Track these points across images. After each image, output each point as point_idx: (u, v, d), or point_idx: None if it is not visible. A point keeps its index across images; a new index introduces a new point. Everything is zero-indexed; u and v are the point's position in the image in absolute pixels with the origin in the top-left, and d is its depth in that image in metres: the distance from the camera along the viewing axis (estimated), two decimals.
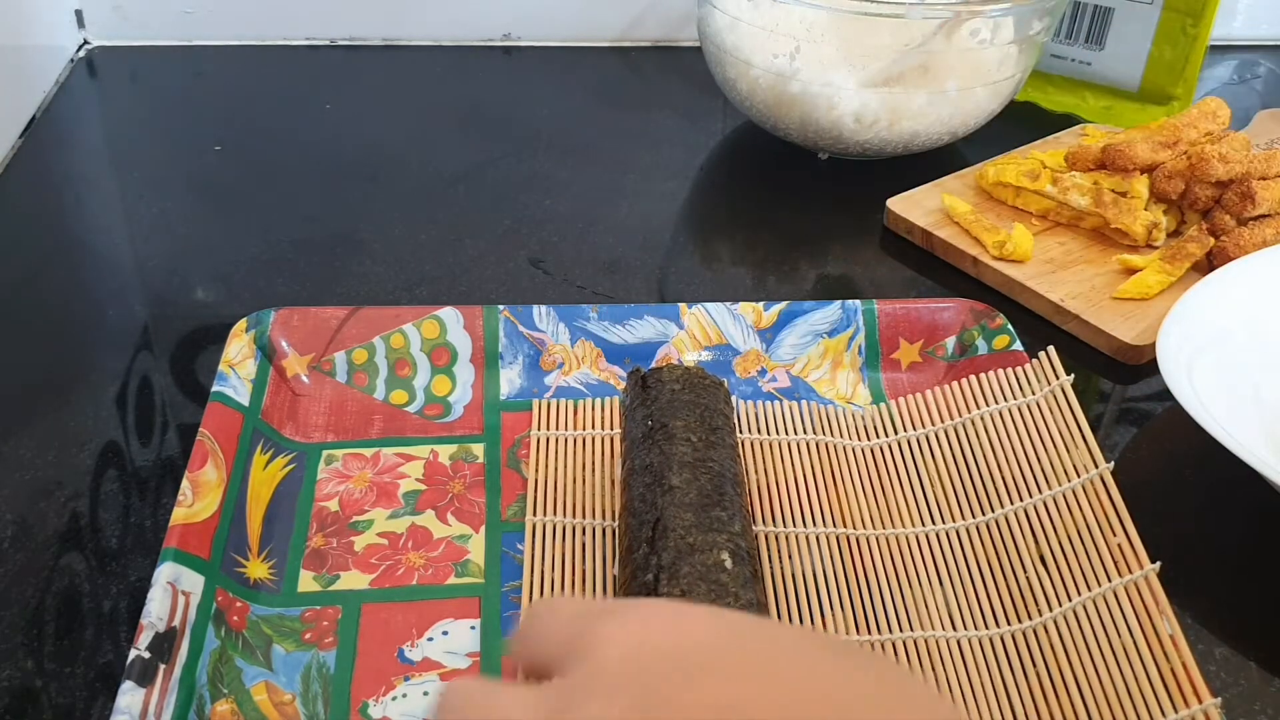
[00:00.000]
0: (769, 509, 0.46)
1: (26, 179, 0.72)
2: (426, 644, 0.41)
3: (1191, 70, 0.78)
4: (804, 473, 0.48)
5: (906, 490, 0.48)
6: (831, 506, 0.47)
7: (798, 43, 0.68)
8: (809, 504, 0.46)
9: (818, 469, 0.48)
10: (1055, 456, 0.46)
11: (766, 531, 0.45)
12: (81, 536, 0.46)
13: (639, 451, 0.44)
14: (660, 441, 0.43)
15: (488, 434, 0.51)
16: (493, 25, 0.91)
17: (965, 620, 0.42)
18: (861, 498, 0.47)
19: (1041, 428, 0.48)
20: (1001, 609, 0.43)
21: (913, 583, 0.44)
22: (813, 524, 0.46)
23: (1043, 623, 0.41)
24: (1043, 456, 0.47)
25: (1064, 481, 0.45)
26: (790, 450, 0.49)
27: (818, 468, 0.48)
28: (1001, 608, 0.43)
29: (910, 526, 0.46)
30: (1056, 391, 0.49)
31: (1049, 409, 0.48)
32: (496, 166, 0.74)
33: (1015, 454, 0.47)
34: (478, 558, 0.45)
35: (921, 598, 0.43)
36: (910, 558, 0.45)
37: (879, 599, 0.43)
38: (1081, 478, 0.45)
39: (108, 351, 0.56)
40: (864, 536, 0.45)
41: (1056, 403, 0.48)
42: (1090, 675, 0.39)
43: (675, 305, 0.55)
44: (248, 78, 0.86)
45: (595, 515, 0.46)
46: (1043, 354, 0.51)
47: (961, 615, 0.43)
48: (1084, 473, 0.45)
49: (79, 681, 0.40)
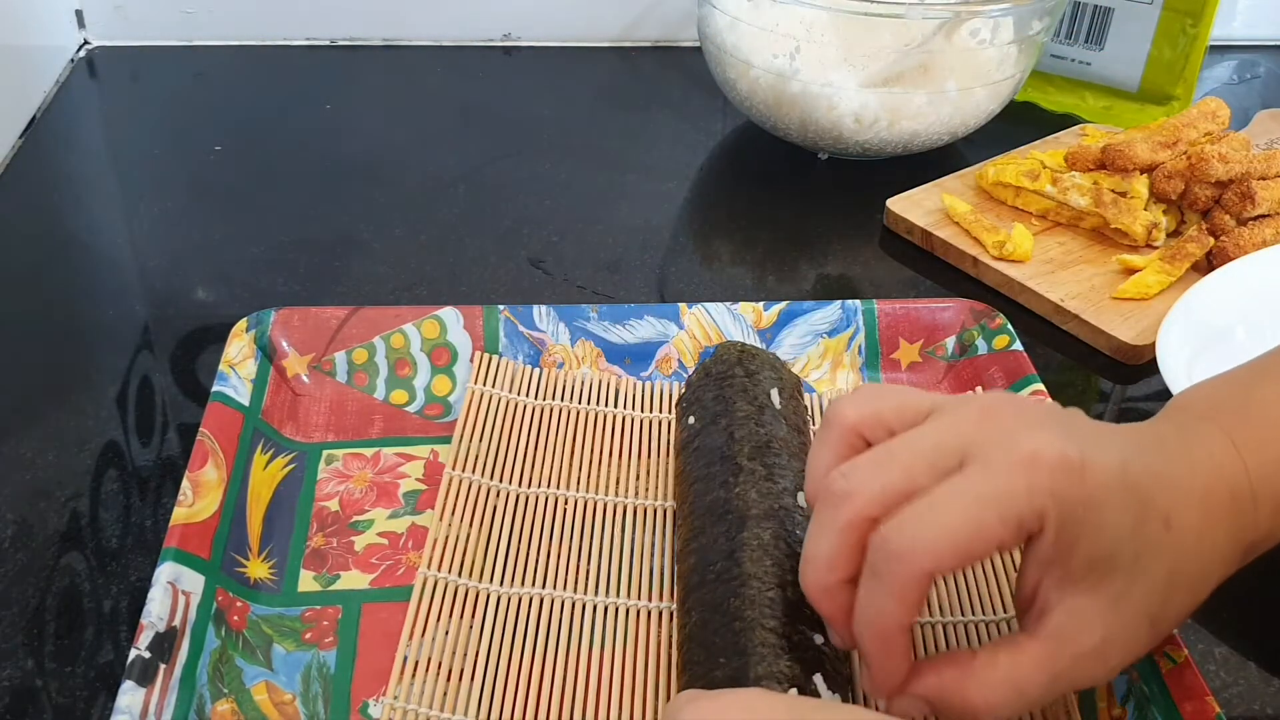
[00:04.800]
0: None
1: (26, 179, 0.72)
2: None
3: (1191, 70, 0.78)
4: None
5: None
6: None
7: (798, 43, 0.68)
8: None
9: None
10: None
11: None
12: (82, 536, 0.46)
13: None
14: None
15: None
16: (493, 25, 0.91)
17: (975, 607, 0.43)
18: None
19: None
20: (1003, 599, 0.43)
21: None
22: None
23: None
24: None
25: None
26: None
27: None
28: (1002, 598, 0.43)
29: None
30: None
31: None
32: (496, 166, 0.74)
33: None
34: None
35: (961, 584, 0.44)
36: None
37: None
38: None
39: (108, 351, 0.56)
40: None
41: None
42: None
43: (675, 305, 0.55)
44: (248, 78, 0.86)
45: (516, 482, 0.47)
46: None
47: (971, 603, 0.43)
48: None
49: (79, 681, 0.40)
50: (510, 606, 0.42)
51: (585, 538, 0.45)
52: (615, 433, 0.50)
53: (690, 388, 0.47)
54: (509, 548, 0.45)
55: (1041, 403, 0.36)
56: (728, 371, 0.46)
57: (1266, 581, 0.47)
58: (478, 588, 0.43)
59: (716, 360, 0.47)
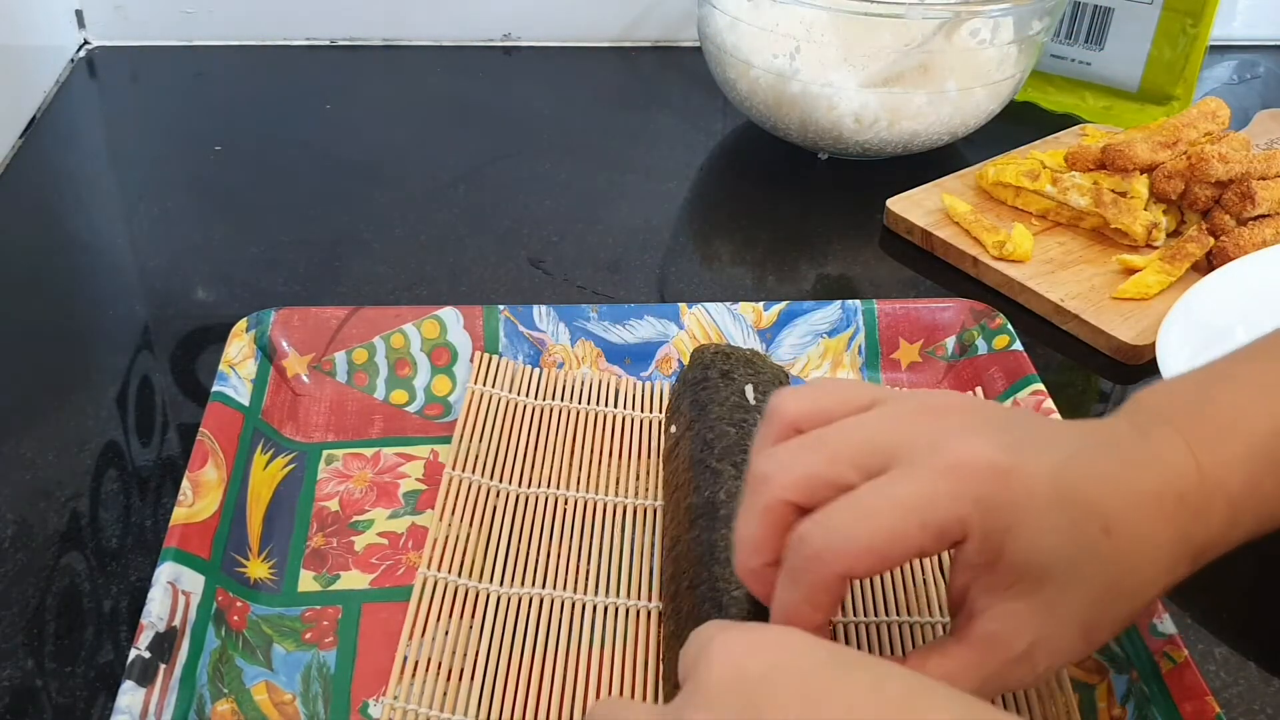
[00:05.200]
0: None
1: (26, 179, 0.72)
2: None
3: (1191, 70, 0.78)
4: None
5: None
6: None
7: (798, 43, 0.68)
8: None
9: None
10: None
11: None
12: (82, 536, 0.46)
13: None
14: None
15: None
16: (493, 25, 0.91)
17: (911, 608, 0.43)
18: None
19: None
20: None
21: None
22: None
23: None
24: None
25: None
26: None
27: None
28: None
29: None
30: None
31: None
32: (496, 166, 0.74)
33: None
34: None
35: (894, 584, 0.44)
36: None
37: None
38: None
39: (108, 351, 0.56)
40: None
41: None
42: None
43: (675, 305, 0.55)
44: (248, 78, 0.86)
45: (516, 482, 0.47)
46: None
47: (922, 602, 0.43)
48: None
49: (79, 681, 0.40)
50: (510, 606, 0.42)
51: (585, 538, 0.45)
52: (615, 433, 0.50)
53: (672, 397, 0.48)
54: (509, 548, 0.45)
55: (988, 404, 0.36)
56: (702, 376, 0.46)
57: (1266, 581, 0.47)
58: (477, 588, 0.43)
59: (691, 366, 0.48)
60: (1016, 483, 0.31)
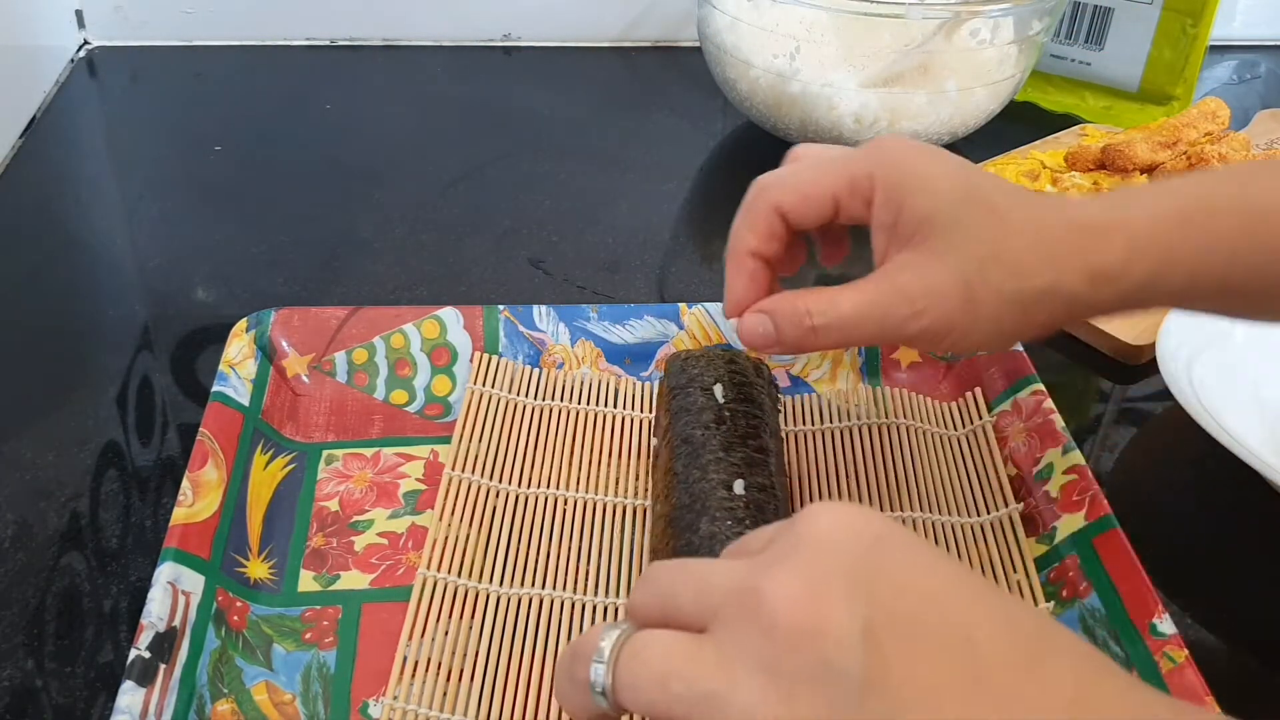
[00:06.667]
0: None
1: (26, 179, 0.72)
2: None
3: (1191, 70, 0.78)
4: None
5: (826, 479, 0.49)
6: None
7: (798, 43, 0.68)
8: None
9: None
10: (974, 486, 0.48)
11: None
12: (82, 536, 0.46)
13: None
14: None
15: None
16: (493, 25, 0.91)
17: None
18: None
19: (965, 460, 0.49)
20: None
21: None
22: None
23: None
24: (960, 481, 0.48)
25: (978, 514, 0.46)
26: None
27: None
28: None
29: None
30: (979, 430, 0.50)
31: (973, 444, 0.50)
32: (496, 166, 0.74)
33: (933, 469, 0.49)
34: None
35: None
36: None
37: None
38: (993, 514, 0.46)
39: (108, 351, 0.56)
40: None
41: (979, 440, 0.50)
42: None
43: (675, 305, 0.55)
44: (248, 78, 0.86)
45: (515, 482, 0.47)
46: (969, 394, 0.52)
47: None
48: (996, 509, 0.46)
49: (79, 681, 0.40)
50: (510, 606, 0.42)
51: (585, 538, 0.45)
52: (615, 433, 0.50)
53: (655, 409, 0.49)
54: (508, 548, 0.45)
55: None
56: (672, 385, 0.47)
57: (1266, 582, 0.47)
58: (477, 588, 0.43)
59: (664, 378, 0.48)
60: (921, 164, 0.39)
